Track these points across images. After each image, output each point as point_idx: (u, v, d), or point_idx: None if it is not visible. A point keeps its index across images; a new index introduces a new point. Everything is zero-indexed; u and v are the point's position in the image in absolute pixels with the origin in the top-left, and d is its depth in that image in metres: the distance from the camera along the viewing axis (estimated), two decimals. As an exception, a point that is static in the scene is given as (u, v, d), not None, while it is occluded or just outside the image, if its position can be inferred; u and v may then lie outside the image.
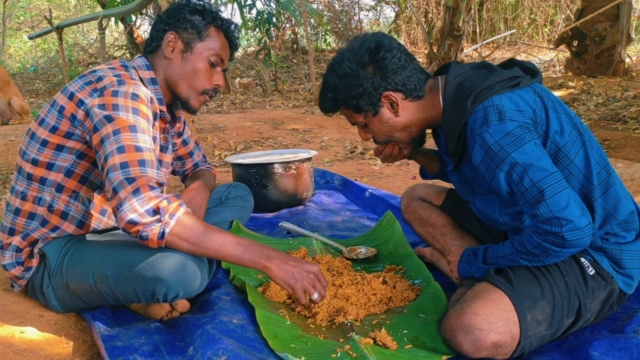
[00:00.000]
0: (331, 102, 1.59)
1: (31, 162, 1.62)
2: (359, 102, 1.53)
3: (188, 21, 1.72)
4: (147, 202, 1.42)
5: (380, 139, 1.63)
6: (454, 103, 1.47)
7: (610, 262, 1.47)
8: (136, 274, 1.49)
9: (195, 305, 1.70)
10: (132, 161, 1.45)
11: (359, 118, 1.59)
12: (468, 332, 1.32)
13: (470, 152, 1.44)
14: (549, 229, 1.33)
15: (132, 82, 1.58)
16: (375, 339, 1.46)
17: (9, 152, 4.37)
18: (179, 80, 1.73)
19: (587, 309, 1.42)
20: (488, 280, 1.43)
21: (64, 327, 1.63)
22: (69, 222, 1.66)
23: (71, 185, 1.64)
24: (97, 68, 1.64)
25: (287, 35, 11.54)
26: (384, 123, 1.57)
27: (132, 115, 1.51)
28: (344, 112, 1.61)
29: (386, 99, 1.53)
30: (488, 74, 1.46)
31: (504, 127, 1.36)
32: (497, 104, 1.40)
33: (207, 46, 1.73)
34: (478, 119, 1.40)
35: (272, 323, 1.52)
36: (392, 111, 1.55)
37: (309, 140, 5.08)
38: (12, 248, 1.66)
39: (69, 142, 1.60)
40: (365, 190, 3.07)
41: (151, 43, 1.76)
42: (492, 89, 1.42)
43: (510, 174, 1.36)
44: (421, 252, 2.07)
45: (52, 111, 1.60)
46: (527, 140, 1.35)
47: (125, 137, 1.47)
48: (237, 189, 2.29)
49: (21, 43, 16.65)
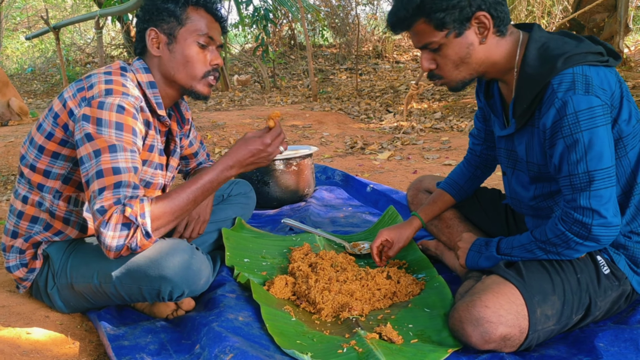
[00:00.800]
0: (414, 10, 1.38)
1: (29, 167, 1.62)
2: (447, 16, 1.36)
3: (163, 10, 1.64)
4: (115, 225, 1.39)
5: (447, 67, 1.45)
6: (539, 59, 1.38)
7: (628, 261, 1.46)
8: (141, 274, 1.49)
9: (200, 303, 1.70)
10: (109, 186, 1.42)
11: (436, 37, 1.40)
12: (477, 324, 1.33)
13: (541, 115, 1.36)
14: (580, 218, 1.32)
15: (120, 92, 1.52)
16: (380, 333, 1.46)
17: (8, 153, 4.37)
18: (175, 74, 1.66)
19: (597, 307, 1.42)
20: (499, 273, 1.43)
21: (70, 327, 1.63)
22: (71, 227, 1.66)
23: (69, 191, 1.63)
24: (94, 72, 1.60)
25: (284, 32, 11.52)
26: (463, 48, 1.41)
27: (114, 131, 1.47)
28: (417, 28, 1.42)
29: (477, 20, 1.38)
30: (578, 42, 1.38)
31: (589, 101, 1.29)
32: (587, 74, 1.32)
33: (189, 29, 1.64)
34: (564, 82, 1.31)
35: (278, 320, 1.52)
36: (478, 36, 1.40)
37: (308, 136, 5.08)
38: (15, 250, 1.66)
39: (64, 149, 1.58)
40: (367, 186, 3.07)
41: (138, 45, 1.70)
42: (585, 57, 1.34)
43: (569, 150, 1.32)
44: (425, 245, 2.07)
45: (49, 117, 1.59)
46: (602, 123, 1.30)
47: (104, 160, 1.44)
48: (240, 186, 2.28)
49: (18, 43, 16.61)
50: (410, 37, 1.47)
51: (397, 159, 4.17)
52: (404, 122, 5.49)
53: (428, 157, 4.13)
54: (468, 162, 1.90)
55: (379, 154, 4.32)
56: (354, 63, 10.03)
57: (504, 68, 1.46)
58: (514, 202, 1.63)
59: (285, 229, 2.49)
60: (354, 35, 10.64)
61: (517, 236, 1.50)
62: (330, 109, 6.36)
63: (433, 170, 3.70)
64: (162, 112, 1.68)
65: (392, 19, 1.44)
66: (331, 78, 9.42)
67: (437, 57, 1.45)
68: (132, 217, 1.39)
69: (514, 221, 1.82)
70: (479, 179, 1.89)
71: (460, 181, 1.88)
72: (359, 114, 6.17)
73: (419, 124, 5.37)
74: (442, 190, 1.90)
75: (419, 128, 5.21)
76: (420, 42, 1.44)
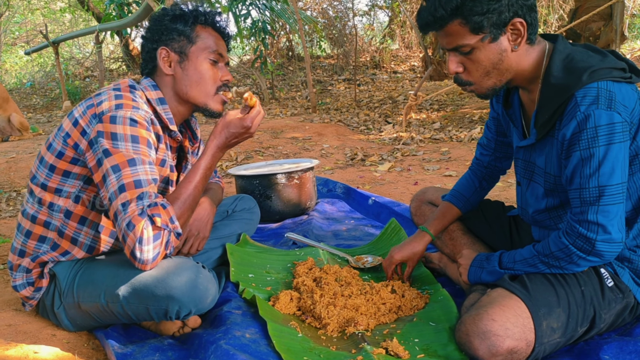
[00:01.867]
0: (452, 11, 1.35)
1: (40, 186, 1.63)
2: (485, 19, 1.33)
3: (173, 30, 1.69)
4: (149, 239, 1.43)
5: (477, 72, 1.43)
6: (564, 71, 1.38)
7: (632, 274, 1.48)
8: (148, 293, 1.50)
9: (206, 320, 1.71)
10: (132, 199, 1.45)
11: (470, 40, 1.37)
12: (484, 337, 1.33)
13: (562, 126, 1.37)
14: (584, 232, 1.34)
15: (130, 105, 1.55)
16: (387, 349, 1.47)
17: (10, 169, 4.38)
18: (189, 91, 1.70)
19: (601, 320, 1.43)
20: (504, 286, 1.43)
21: (77, 346, 1.63)
22: (79, 248, 1.67)
23: (79, 211, 1.64)
24: (102, 90, 1.63)
25: (282, 43, 11.57)
26: (496, 54, 1.39)
27: (131, 144, 1.50)
28: (451, 29, 1.38)
29: (512, 27, 1.36)
30: (602, 56, 1.39)
31: (610, 117, 1.30)
32: (611, 90, 1.32)
33: (200, 47, 1.70)
34: (589, 95, 1.32)
35: (284, 336, 1.53)
36: (511, 42, 1.39)
37: (309, 149, 5.10)
38: (22, 269, 1.67)
39: (75, 167, 1.60)
40: (369, 198, 3.08)
41: (147, 65, 1.73)
42: (610, 72, 1.35)
43: (583, 163, 1.33)
44: (429, 258, 2.08)
45: (59, 137, 1.60)
46: (618, 140, 1.31)
47: (126, 174, 1.47)
48: (244, 202, 2.30)
49: (17, 58, 16.67)
50: (439, 37, 1.43)
51: (398, 170, 4.19)
52: (403, 133, 5.51)
53: (428, 168, 4.15)
54: (474, 173, 1.90)
55: (380, 166, 4.34)
56: (352, 74, 10.08)
57: (530, 76, 1.45)
58: (524, 212, 1.65)
59: (288, 242, 2.50)
60: (351, 46, 10.71)
61: (519, 250, 1.51)
62: (330, 120, 6.39)
63: (434, 181, 3.71)
64: (174, 127, 1.71)
65: (427, 17, 1.39)
66: (329, 89, 9.46)
67: (467, 61, 1.42)
68: (164, 225, 1.45)
69: (518, 234, 1.83)
70: (485, 190, 1.90)
71: (467, 193, 1.88)
72: (358, 125, 6.20)
73: (418, 135, 5.39)
74: (449, 203, 1.89)
75: (418, 139, 5.24)
76: (451, 43, 1.40)
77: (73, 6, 13.85)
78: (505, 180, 3.58)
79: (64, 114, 8.51)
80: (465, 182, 1.90)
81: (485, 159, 1.87)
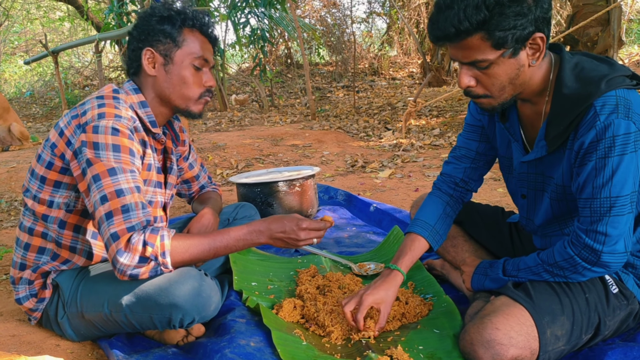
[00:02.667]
0: (477, 25, 1.25)
1: (33, 199, 1.64)
2: (510, 35, 1.26)
3: (159, 32, 1.65)
4: (133, 257, 1.42)
5: (493, 87, 1.37)
6: (577, 81, 1.34)
7: (636, 280, 1.48)
8: (152, 302, 1.50)
9: (210, 329, 1.71)
10: (116, 209, 1.44)
11: (491, 55, 1.30)
12: (489, 346, 1.33)
13: (578, 135, 1.33)
14: (590, 244, 1.34)
15: (112, 114, 1.54)
16: (392, 356, 1.47)
17: (11, 179, 4.38)
18: (171, 94, 1.68)
19: (606, 327, 1.43)
20: (507, 294, 1.43)
21: (81, 355, 1.63)
22: (78, 255, 1.67)
23: (73, 220, 1.64)
24: (87, 99, 1.62)
25: (281, 51, 11.62)
26: (514, 69, 1.33)
27: (112, 154, 1.49)
28: (471, 43, 1.29)
29: (533, 42, 1.30)
30: (609, 65, 1.36)
31: (628, 126, 1.28)
32: (629, 98, 1.30)
33: (186, 52, 1.66)
34: (608, 104, 1.29)
35: (289, 345, 1.53)
36: (529, 57, 1.33)
37: (309, 156, 5.11)
38: (24, 281, 1.67)
39: (65, 177, 1.60)
40: (370, 205, 3.09)
41: (132, 64, 1.70)
42: (623, 80, 1.32)
43: (597, 173, 1.31)
44: (431, 265, 2.08)
45: (47, 147, 1.61)
46: (631, 150, 1.29)
47: (106, 184, 1.46)
48: (245, 209, 2.30)
49: (16, 68, 16.71)
50: (453, 49, 1.35)
51: (398, 176, 4.20)
52: (403, 140, 5.52)
53: (429, 174, 4.16)
54: (438, 198, 1.76)
55: (380, 172, 4.35)
56: (351, 80, 10.11)
57: (538, 89, 1.42)
58: (529, 223, 1.64)
59: (290, 250, 2.50)
60: (350, 53, 10.75)
61: (522, 258, 1.51)
62: (329, 127, 6.40)
63: (434, 187, 3.72)
64: (157, 129, 1.70)
65: (448, 29, 1.28)
66: (328, 96, 9.49)
67: (481, 76, 1.35)
68: (153, 257, 1.43)
69: (519, 240, 1.83)
70: (450, 217, 1.75)
71: (432, 221, 1.72)
72: (358, 131, 6.21)
73: (418, 141, 5.41)
74: (415, 234, 1.71)
75: (418, 145, 5.25)
76: (468, 57, 1.33)
77: (72, 15, 13.90)
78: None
79: (63, 123, 8.52)
80: (429, 209, 1.74)
81: (458, 174, 1.75)
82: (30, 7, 15.19)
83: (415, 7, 11.12)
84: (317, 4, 11.91)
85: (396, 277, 1.64)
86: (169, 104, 1.70)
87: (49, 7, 15.11)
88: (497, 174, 3.89)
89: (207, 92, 1.71)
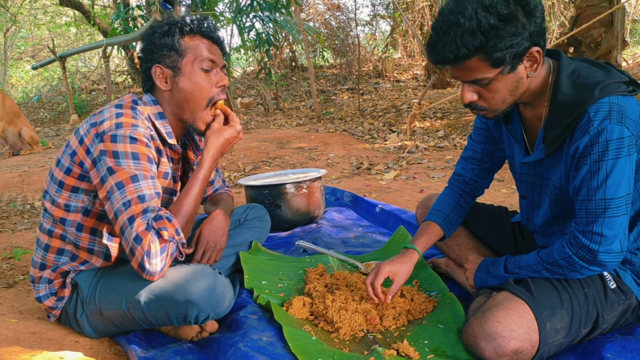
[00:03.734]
0: (474, 50, 1.31)
1: (51, 202, 1.70)
2: (508, 53, 1.32)
3: (162, 46, 1.70)
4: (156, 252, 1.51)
5: (495, 100, 1.43)
6: (573, 87, 1.40)
7: (634, 276, 1.53)
8: (168, 299, 1.57)
9: (223, 325, 1.77)
10: (138, 214, 1.51)
11: (490, 74, 1.36)
12: (490, 339, 1.39)
13: (574, 140, 1.39)
14: (587, 244, 1.39)
15: (129, 124, 1.60)
16: (398, 350, 1.53)
17: (23, 182, 4.46)
18: (185, 103, 1.72)
19: (604, 320, 1.48)
20: (509, 289, 1.49)
21: (99, 351, 1.70)
22: (96, 256, 1.74)
23: (90, 223, 1.70)
24: (105, 107, 1.68)
25: (285, 54, 11.68)
26: (514, 82, 1.40)
27: (132, 161, 1.56)
28: (471, 65, 1.35)
29: (530, 55, 1.36)
30: (606, 71, 1.42)
31: (621, 131, 1.33)
32: (622, 104, 1.36)
33: (190, 58, 1.70)
34: (601, 110, 1.35)
35: (299, 339, 1.59)
36: (527, 69, 1.39)
37: (315, 158, 5.17)
38: (44, 280, 1.74)
39: (83, 183, 1.66)
40: (376, 206, 3.14)
41: (146, 83, 1.77)
42: (618, 87, 1.38)
43: (592, 176, 1.37)
44: (436, 263, 2.14)
45: (66, 153, 1.67)
46: (625, 154, 1.35)
47: (129, 190, 1.53)
48: (255, 210, 2.36)
49: (22, 72, 16.84)
50: (454, 70, 1.41)
51: (403, 178, 4.26)
52: (407, 142, 5.58)
53: (433, 176, 4.21)
54: (452, 191, 1.88)
55: (385, 174, 4.41)
56: (355, 83, 10.16)
57: (537, 93, 1.48)
58: (530, 223, 1.70)
59: (298, 250, 2.57)
60: (354, 56, 10.80)
61: (523, 256, 1.56)
62: (335, 130, 6.46)
63: (439, 188, 3.77)
64: (173, 140, 1.76)
65: (447, 55, 1.34)
66: (333, 98, 9.54)
67: (483, 91, 1.41)
68: (170, 238, 1.52)
69: (522, 239, 1.89)
70: (463, 208, 1.87)
71: (445, 210, 1.84)
72: (363, 134, 6.27)
73: (422, 143, 5.46)
74: (430, 221, 1.84)
75: (422, 147, 5.30)
76: (469, 77, 1.39)
77: (78, 20, 14.01)
78: (510, 187, 3.64)
79: (71, 127, 8.61)
80: (443, 200, 1.87)
81: (467, 173, 1.85)
82: (37, 12, 15.33)
83: (419, 10, 11.17)
84: (322, 7, 11.98)
85: (412, 255, 1.78)
86: (181, 117, 1.76)
87: (56, 12, 15.23)
88: (501, 175, 3.95)
89: (220, 93, 1.76)
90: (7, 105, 6.14)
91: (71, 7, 11.71)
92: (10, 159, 5.93)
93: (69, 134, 7.94)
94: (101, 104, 10.35)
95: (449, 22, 1.31)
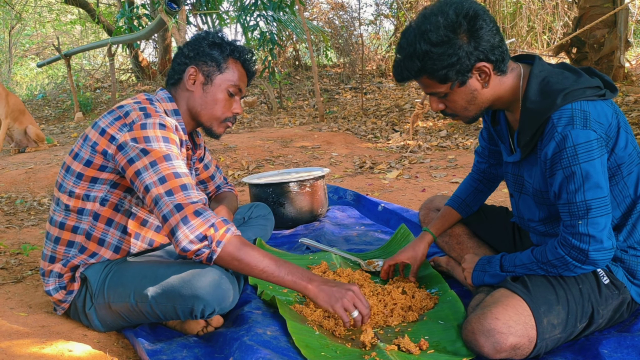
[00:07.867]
0: (417, 72, 1.48)
1: (68, 194, 1.74)
2: (449, 72, 1.45)
3: (207, 55, 1.83)
4: (196, 229, 1.54)
5: (456, 109, 1.56)
6: (540, 95, 1.48)
7: (625, 272, 1.57)
8: (175, 293, 1.61)
9: (228, 320, 1.81)
10: (175, 187, 1.57)
11: (441, 88, 1.51)
12: (489, 335, 1.42)
13: (542, 146, 1.46)
14: (577, 244, 1.43)
15: (157, 115, 1.69)
16: (399, 345, 1.56)
17: (30, 179, 4.51)
18: (201, 111, 1.84)
19: (599, 315, 1.52)
20: (506, 286, 1.53)
21: (107, 344, 1.73)
22: (106, 248, 1.78)
23: (106, 213, 1.75)
24: (123, 103, 1.75)
25: (289, 53, 11.70)
26: (468, 94, 1.51)
27: (164, 144, 1.63)
28: (423, 82, 1.52)
29: (477, 70, 1.47)
30: (576, 77, 1.48)
31: (587, 135, 1.39)
32: (585, 109, 1.41)
33: (225, 78, 1.84)
34: (564, 117, 1.41)
35: (303, 333, 1.62)
36: (480, 82, 1.50)
37: (318, 157, 5.21)
38: (54, 274, 1.78)
39: (103, 174, 1.71)
40: (378, 205, 3.18)
41: (173, 76, 1.87)
42: (583, 93, 1.44)
43: (568, 181, 1.42)
44: (437, 261, 2.18)
45: (85, 146, 1.72)
46: (597, 155, 1.40)
47: (163, 167, 1.59)
48: (259, 209, 2.41)
49: (27, 70, 16.91)
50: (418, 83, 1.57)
51: (406, 177, 4.29)
52: (410, 141, 5.61)
53: (436, 175, 4.25)
54: (471, 177, 2.03)
55: (388, 173, 4.44)
56: (359, 82, 10.19)
57: (509, 100, 1.56)
58: (521, 221, 1.75)
59: (302, 247, 2.60)
60: (357, 55, 10.81)
61: (518, 254, 1.60)
62: (338, 129, 6.49)
63: (441, 188, 3.81)
64: (186, 137, 1.84)
65: (397, 76, 1.55)
66: (336, 97, 9.56)
67: (444, 101, 1.55)
68: (211, 239, 1.55)
69: (520, 238, 1.92)
70: (482, 193, 2.01)
71: (463, 195, 2.01)
72: (366, 133, 6.30)
73: (425, 143, 5.49)
74: (448, 207, 2.03)
75: (425, 147, 5.33)
76: (428, 90, 1.55)
77: (83, 18, 14.07)
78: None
79: (76, 125, 8.66)
80: (463, 187, 2.03)
81: (481, 166, 1.99)
82: (42, 10, 15.39)
83: (423, 9, 11.17)
84: (325, 6, 12.00)
85: (425, 236, 2.02)
86: (196, 119, 1.87)
87: (61, 10, 15.30)
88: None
89: (232, 118, 1.88)
90: (12, 102, 6.17)
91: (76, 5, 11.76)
92: (16, 156, 5.97)
93: (73, 131, 7.99)
94: (105, 102, 10.40)
95: (400, 46, 1.50)
